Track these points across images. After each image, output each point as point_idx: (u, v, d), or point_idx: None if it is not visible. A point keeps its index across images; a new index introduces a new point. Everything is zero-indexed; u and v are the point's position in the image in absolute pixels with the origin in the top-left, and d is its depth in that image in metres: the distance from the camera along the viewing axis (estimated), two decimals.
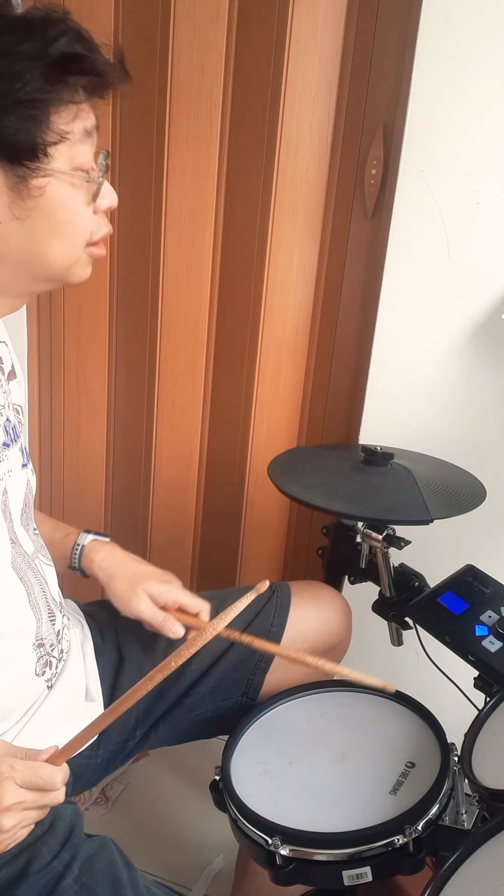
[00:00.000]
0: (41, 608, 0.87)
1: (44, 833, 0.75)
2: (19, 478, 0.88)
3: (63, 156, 0.72)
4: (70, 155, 0.73)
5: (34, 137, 0.70)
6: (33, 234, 0.74)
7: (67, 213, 0.75)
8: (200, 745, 1.11)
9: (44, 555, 0.92)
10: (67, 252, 0.77)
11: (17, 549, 0.85)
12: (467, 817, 0.84)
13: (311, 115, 1.33)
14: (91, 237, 0.79)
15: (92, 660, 0.99)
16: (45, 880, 0.73)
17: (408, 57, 1.19)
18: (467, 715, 0.91)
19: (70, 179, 0.73)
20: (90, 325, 1.58)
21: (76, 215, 0.76)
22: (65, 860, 0.74)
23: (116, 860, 0.76)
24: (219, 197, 1.41)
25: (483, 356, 1.28)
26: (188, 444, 1.59)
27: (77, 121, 0.73)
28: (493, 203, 1.20)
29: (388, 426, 1.36)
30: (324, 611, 1.11)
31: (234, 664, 1.04)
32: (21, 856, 0.74)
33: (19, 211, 0.72)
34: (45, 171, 0.71)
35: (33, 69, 0.68)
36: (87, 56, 0.71)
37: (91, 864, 0.74)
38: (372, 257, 1.36)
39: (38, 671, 0.86)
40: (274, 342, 1.47)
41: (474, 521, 1.05)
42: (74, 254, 0.78)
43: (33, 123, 0.69)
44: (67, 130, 0.72)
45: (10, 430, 0.86)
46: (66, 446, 1.71)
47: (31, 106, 0.68)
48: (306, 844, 0.80)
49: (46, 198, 0.72)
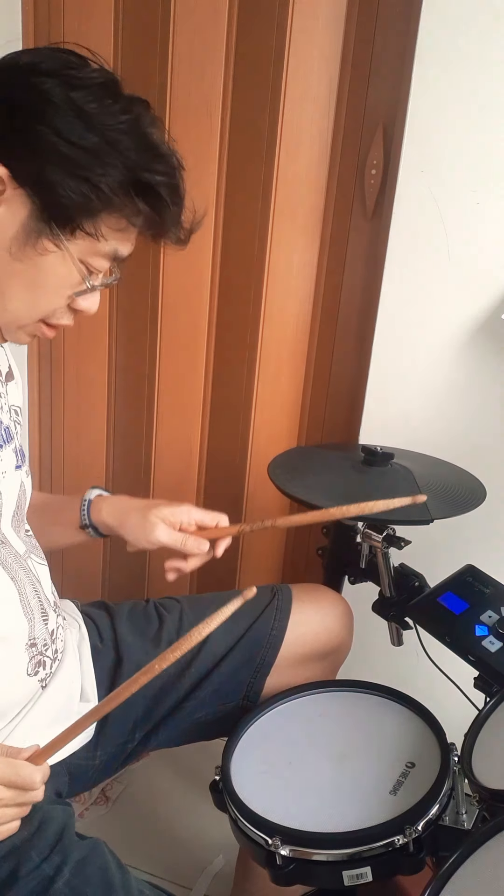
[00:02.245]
0: (34, 608, 0.87)
1: (31, 835, 0.74)
2: (12, 479, 0.88)
3: (83, 247, 0.75)
4: (89, 251, 0.76)
5: (75, 214, 0.73)
6: (12, 274, 0.76)
7: (47, 285, 0.77)
8: (200, 746, 1.11)
9: (36, 555, 0.92)
10: (25, 311, 0.79)
11: (6, 549, 0.85)
12: (467, 817, 0.84)
13: (311, 115, 1.33)
14: (50, 317, 0.81)
15: (88, 660, 0.99)
16: (34, 883, 0.72)
17: (408, 57, 1.19)
18: (467, 715, 0.91)
19: (73, 266, 0.76)
20: (90, 326, 1.58)
21: (53, 291, 0.78)
22: (55, 863, 0.73)
23: (108, 863, 0.75)
24: (219, 197, 1.41)
25: (483, 356, 1.28)
26: (188, 444, 1.59)
27: (119, 239, 0.77)
28: (493, 203, 1.20)
29: (388, 426, 1.36)
30: (325, 614, 1.11)
31: (234, 668, 1.04)
32: (8, 859, 0.72)
33: (16, 250, 0.74)
34: (59, 244, 0.74)
35: (121, 175, 0.72)
36: (168, 206, 0.75)
37: (82, 867, 0.73)
38: (372, 257, 1.36)
39: (30, 671, 0.86)
40: (274, 342, 1.47)
41: (474, 521, 1.05)
42: (26, 317, 0.80)
43: (84, 204, 0.72)
44: (105, 236, 0.75)
45: (2, 432, 0.86)
46: (66, 446, 1.71)
47: (95, 192, 0.72)
48: (306, 844, 0.80)
49: (44, 261, 0.75)
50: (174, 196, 0.76)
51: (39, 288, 0.77)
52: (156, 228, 0.78)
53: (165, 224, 0.77)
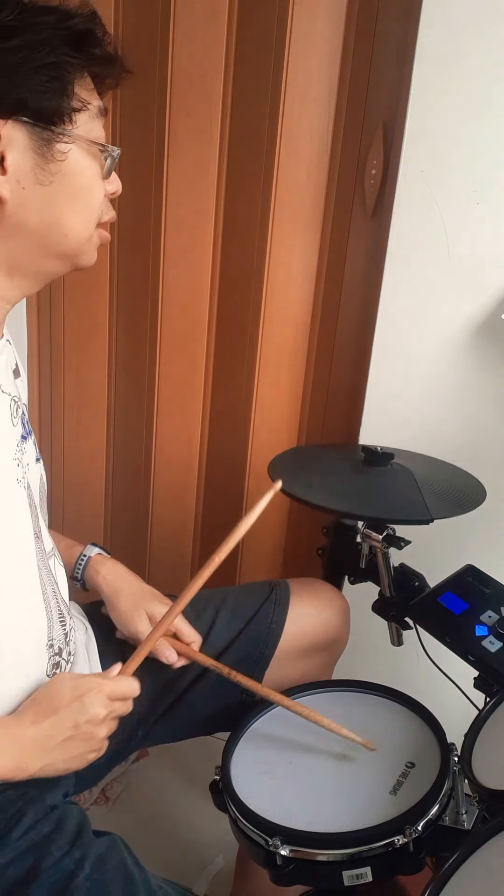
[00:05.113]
0: (52, 609, 0.87)
1: (51, 832, 0.75)
2: (35, 472, 0.88)
3: (84, 125, 0.76)
4: (89, 126, 0.77)
5: (60, 101, 0.73)
6: (54, 200, 0.76)
7: (87, 181, 0.78)
8: (200, 745, 1.11)
9: (57, 555, 0.92)
10: (83, 223, 0.79)
11: (38, 545, 0.86)
12: (467, 817, 0.84)
13: (311, 115, 1.33)
14: (101, 216, 0.81)
15: (96, 660, 1.00)
16: (56, 877, 0.72)
17: (408, 57, 1.19)
18: (467, 715, 0.91)
19: (89, 148, 0.77)
20: (90, 325, 1.59)
21: (94, 184, 0.79)
22: (75, 858, 0.73)
23: (127, 858, 0.76)
24: (219, 197, 1.41)
25: (483, 356, 1.28)
26: (188, 444, 1.59)
27: (94, 96, 0.77)
28: (493, 203, 1.20)
29: (388, 426, 1.36)
30: (323, 608, 1.12)
31: (234, 661, 1.04)
32: (28, 855, 0.73)
33: (43, 176, 0.74)
34: (68, 137, 0.74)
35: (57, 36, 0.72)
36: (102, 38, 0.76)
37: (102, 861, 0.74)
38: (372, 257, 1.36)
39: (48, 672, 0.86)
40: (274, 342, 1.47)
41: (474, 521, 1.05)
42: (89, 227, 0.80)
43: (59, 86, 0.73)
44: (88, 100, 0.76)
45: (24, 424, 0.86)
46: (66, 446, 1.71)
47: (56, 68, 0.72)
48: (306, 844, 0.80)
49: (69, 163, 0.75)
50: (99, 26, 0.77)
51: (82, 191, 0.77)
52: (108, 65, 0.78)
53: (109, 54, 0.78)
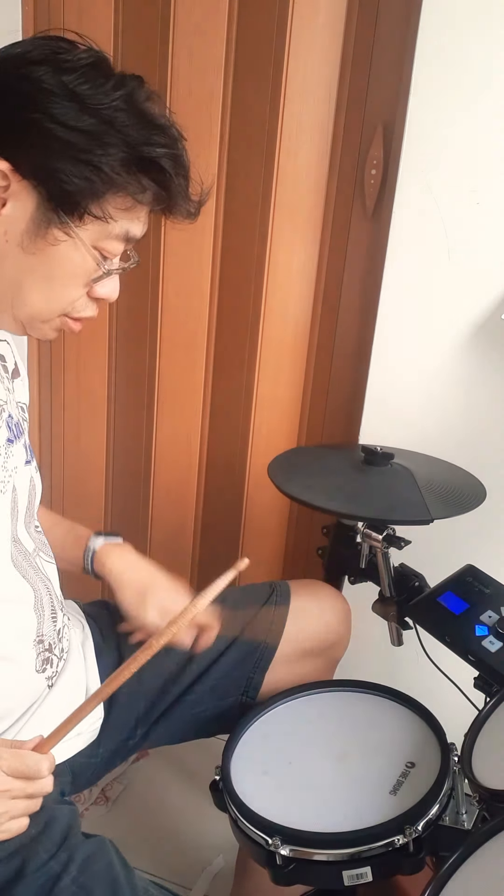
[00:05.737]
0: (44, 605, 0.87)
1: (39, 833, 0.75)
2: (23, 474, 0.88)
3: (94, 232, 0.74)
4: (101, 235, 0.75)
5: (81, 199, 0.72)
6: (28, 269, 0.75)
7: (67, 276, 0.76)
8: (200, 745, 1.11)
9: (45, 552, 0.92)
10: (45, 305, 0.78)
11: (17, 546, 0.85)
12: (467, 817, 0.84)
13: (311, 115, 1.33)
14: (72, 311, 0.80)
15: (92, 660, 1.00)
16: (42, 880, 0.72)
17: (408, 57, 1.19)
18: (467, 715, 0.91)
19: (86, 253, 0.75)
20: (90, 325, 1.58)
21: (73, 283, 0.77)
22: (62, 860, 0.73)
23: (114, 861, 0.76)
24: (219, 197, 1.41)
25: (483, 356, 1.28)
26: (188, 444, 1.59)
27: (128, 219, 0.75)
28: (493, 203, 1.20)
29: (388, 426, 1.36)
30: (323, 609, 1.12)
31: (233, 663, 1.04)
32: (16, 856, 0.73)
33: (29, 244, 0.73)
34: (69, 231, 0.73)
35: (121, 153, 0.71)
36: (172, 179, 0.74)
37: (89, 864, 0.74)
38: (372, 257, 1.36)
39: (38, 668, 0.86)
40: (274, 342, 1.47)
41: (474, 521, 1.05)
42: (50, 312, 0.79)
43: (88, 187, 0.71)
44: (113, 217, 0.74)
45: (13, 427, 0.86)
46: (66, 446, 1.71)
47: (97, 173, 0.70)
48: (306, 844, 0.80)
49: (56, 251, 0.74)
50: (178, 168, 0.74)
51: (56, 280, 0.76)
52: (163, 203, 0.76)
53: (172, 197, 0.76)
